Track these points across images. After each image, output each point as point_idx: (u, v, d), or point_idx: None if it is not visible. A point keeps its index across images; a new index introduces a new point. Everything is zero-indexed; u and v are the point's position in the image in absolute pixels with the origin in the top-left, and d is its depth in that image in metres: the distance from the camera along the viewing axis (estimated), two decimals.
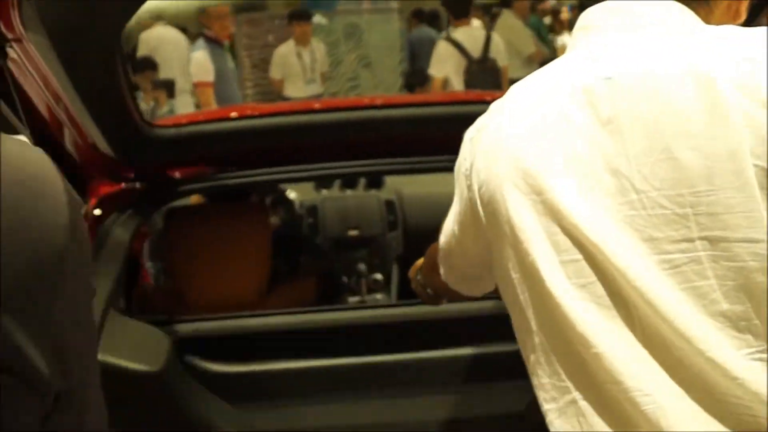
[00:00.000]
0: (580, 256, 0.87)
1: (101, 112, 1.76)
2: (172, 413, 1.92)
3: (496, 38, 6.16)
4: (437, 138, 2.32)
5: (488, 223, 0.98)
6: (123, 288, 2.15)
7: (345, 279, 3.50)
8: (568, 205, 0.87)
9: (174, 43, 6.83)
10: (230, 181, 2.25)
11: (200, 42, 6.23)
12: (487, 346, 2.21)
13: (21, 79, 1.70)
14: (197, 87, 6.29)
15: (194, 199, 2.67)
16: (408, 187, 3.65)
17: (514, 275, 0.94)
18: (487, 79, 5.83)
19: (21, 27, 1.45)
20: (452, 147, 2.26)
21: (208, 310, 2.28)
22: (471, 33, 6.22)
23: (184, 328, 2.15)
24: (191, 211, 2.46)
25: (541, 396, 0.93)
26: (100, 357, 1.73)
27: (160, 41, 6.77)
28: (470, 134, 1.05)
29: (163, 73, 6.45)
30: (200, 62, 6.14)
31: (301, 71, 6.96)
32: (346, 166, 2.31)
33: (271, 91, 7.12)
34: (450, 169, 2.44)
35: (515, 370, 2.16)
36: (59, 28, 1.43)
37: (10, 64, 1.62)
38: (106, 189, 2.29)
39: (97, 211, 2.21)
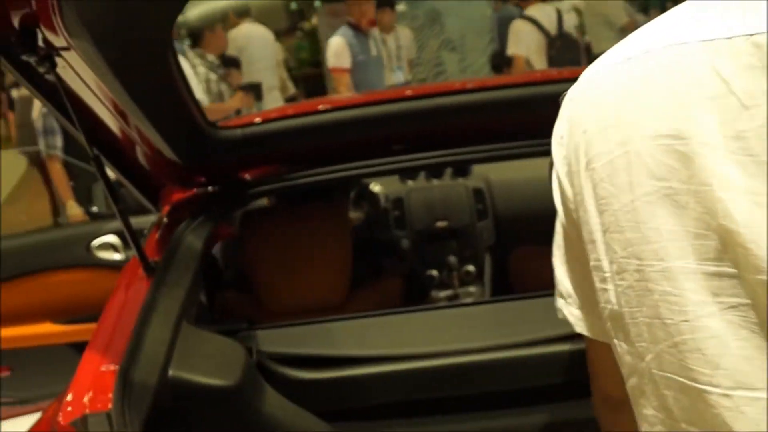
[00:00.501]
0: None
1: (161, 117, 1.68)
2: (252, 428, 1.84)
3: (570, 14, 5.99)
4: (529, 121, 2.17)
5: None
6: (200, 297, 2.09)
7: (434, 273, 3.38)
8: (728, 201, 0.65)
9: (262, 41, 6.82)
10: (306, 180, 2.15)
11: (343, 29, 6.19)
12: None
13: (75, 86, 1.65)
14: (333, 72, 6.27)
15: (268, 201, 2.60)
16: (496, 173, 3.49)
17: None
18: (566, 56, 5.64)
19: (66, 35, 1.37)
20: (544, 130, 2.12)
21: (289, 317, 2.19)
22: (544, 10, 6.06)
23: (265, 335, 2.07)
24: (267, 214, 2.38)
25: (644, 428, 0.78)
26: (173, 373, 1.66)
27: (248, 39, 6.76)
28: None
29: (252, 72, 6.43)
30: (337, 48, 6.09)
31: (386, 59, 6.86)
32: (433, 156, 2.17)
33: None
34: (544, 153, 2.28)
35: None
36: (102, 30, 1.33)
37: (64, 73, 1.56)
38: (178, 196, 2.24)
39: (169, 219, 2.16)
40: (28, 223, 3.89)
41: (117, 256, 3.34)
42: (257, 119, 2.11)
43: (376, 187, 3.45)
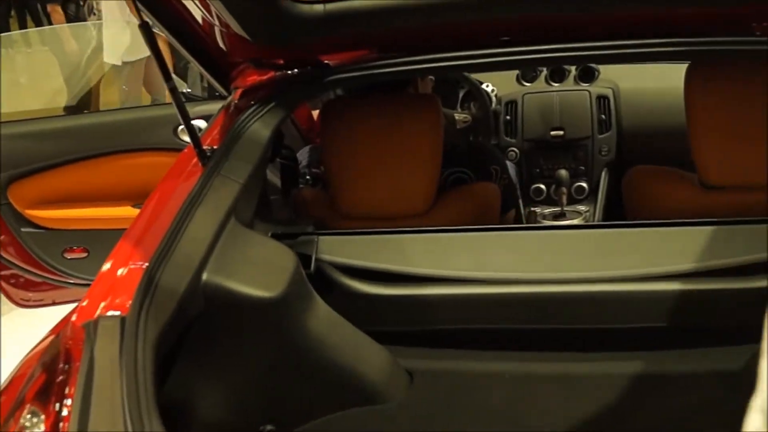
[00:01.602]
0: None
1: None
2: (291, 343, 1.62)
3: None
4: (660, 17, 1.80)
5: None
6: (259, 192, 1.86)
7: (542, 186, 3.07)
8: None
9: None
10: (396, 69, 1.86)
11: None
12: None
13: None
14: None
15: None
16: (626, 80, 3.09)
17: None
18: None
19: None
20: (672, 28, 1.71)
21: (366, 222, 1.95)
22: None
23: (331, 241, 1.84)
24: (350, 105, 2.09)
25: None
26: (207, 277, 1.45)
27: None
28: None
29: None
30: None
31: None
32: (547, 50, 1.83)
33: None
34: (682, 56, 1.88)
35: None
36: None
37: None
38: (253, 78, 1.99)
39: (238, 104, 1.92)
40: None
41: None
42: None
43: (488, 86, 3.12)
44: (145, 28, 1.48)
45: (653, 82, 3.00)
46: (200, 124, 3.19)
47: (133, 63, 4.70)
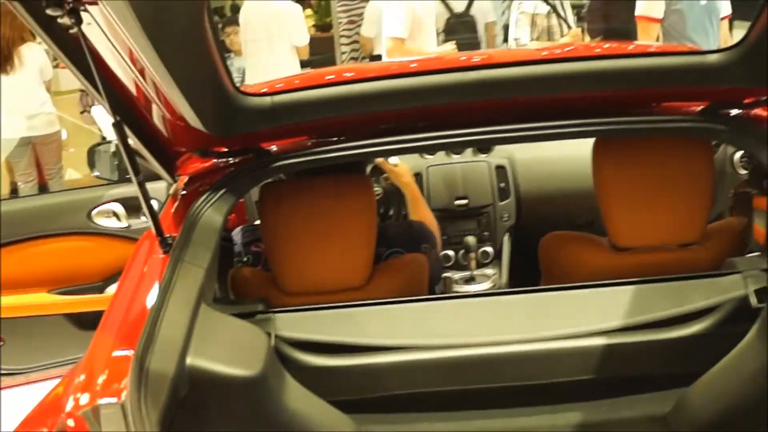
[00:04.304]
0: None
1: (189, 81, 1.53)
2: (273, 419, 1.71)
3: None
4: (565, 99, 2.02)
5: None
6: (218, 276, 1.95)
7: (451, 253, 3.26)
8: None
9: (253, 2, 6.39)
10: (333, 154, 2.00)
11: None
12: None
13: (99, 46, 1.50)
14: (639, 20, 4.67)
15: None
16: (521, 151, 3.35)
17: None
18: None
19: None
20: (581, 109, 1.93)
21: (309, 297, 2.06)
22: None
23: (283, 318, 1.93)
24: (288, 187, 2.22)
25: None
26: (191, 361, 1.53)
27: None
28: None
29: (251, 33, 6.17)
30: None
31: None
32: (464, 134, 2.01)
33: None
34: (571, 135, 2.11)
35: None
36: None
37: (86, 30, 1.41)
38: (196, 166, 2.09)
39: (187, 191, 2.01)
40: None
41: (119, 224, 3.20)
42: (287, 86, 1.95)
43: (395, 160, 3.30)
44: (118, 127, 1.56)
45: (546, 152, 3.27)
46: (115, 207, 3.22)
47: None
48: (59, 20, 1.36)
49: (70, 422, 1.33)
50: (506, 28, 5.14)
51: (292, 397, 1.75)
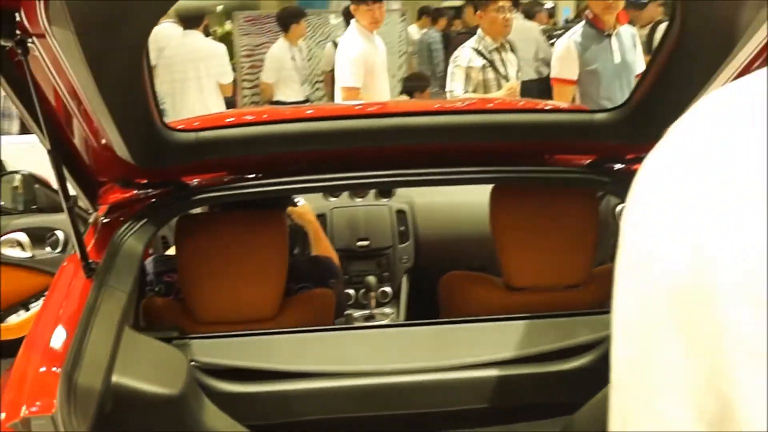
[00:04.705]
0: None
1: (123, 114, 1.63)
2: None
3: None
4: (467, 148, 2.21)
5: None
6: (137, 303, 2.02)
7: (351, 292, 3.39)
8: None
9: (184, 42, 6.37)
10: (249, 190, 2.12)
11: (577, 28, 4.58)
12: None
13: (39, 76, 1.58)
14: (555, 83, 4.67)
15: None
16: (421, 196, 3.53)
17: None
18: None
19: (46, 22, 1.33)
20: (479, 158, 2.12)
21: (221, 327, 2.15)
22: None
23: (196, 345, 2.02)
24: (203, 221, 2.32)
25: None
26: (116, 379, 1.60)
27: (168, 40, 6.37)
28: None
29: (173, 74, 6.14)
30: (569, 55, 4.50)
31: (295, 73, 6.85)
32: (369, 176, 2.18)
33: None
34: (469, 181, 2.29)
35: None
36: (88, 24, 1.30)
37: (31, 60, 1.50)
38: (116, 196, 2.16)
39: (108, 219, 2.08)
40: None
41: (23, 254, 3.19)
42: (213, 123, 2.07)
43: (300, 201, 3.43)
44: (53, 155, 1.64)
45: (444, 197, 3.46)
46: (19, 237, 3.22)
47: None
48: (9, 50, 1.44)
49: None
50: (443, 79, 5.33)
51: (210, 417, 1.83)
